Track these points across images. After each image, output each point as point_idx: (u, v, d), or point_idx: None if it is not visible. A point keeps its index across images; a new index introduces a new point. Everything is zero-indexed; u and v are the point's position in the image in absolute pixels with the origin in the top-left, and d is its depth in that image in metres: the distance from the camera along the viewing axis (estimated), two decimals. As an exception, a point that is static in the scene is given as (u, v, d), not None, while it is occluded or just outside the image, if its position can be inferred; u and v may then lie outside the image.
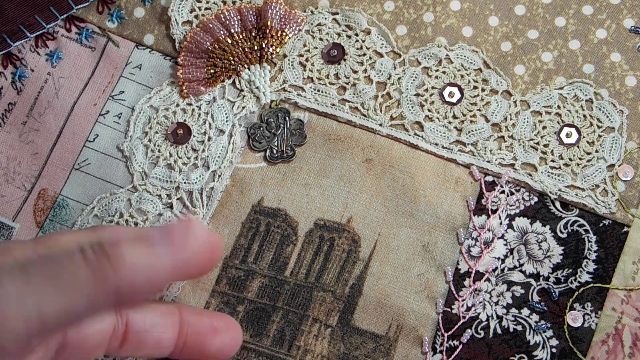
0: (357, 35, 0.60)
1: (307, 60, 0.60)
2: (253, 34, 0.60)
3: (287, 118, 0.58)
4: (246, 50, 0.60)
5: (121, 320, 0.45)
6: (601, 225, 0.56)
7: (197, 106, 0.59)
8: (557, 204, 0.56)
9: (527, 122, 0.58)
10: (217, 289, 0.56)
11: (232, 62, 0.60)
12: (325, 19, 0.61)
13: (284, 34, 0.60)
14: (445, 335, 0.55)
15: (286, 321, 0.55)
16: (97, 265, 0.38)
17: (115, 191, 0.58)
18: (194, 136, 0.59)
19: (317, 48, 0.60)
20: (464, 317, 0.55)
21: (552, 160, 0.57)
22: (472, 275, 0.55)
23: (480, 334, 0.54)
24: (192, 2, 0.61)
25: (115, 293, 0.38)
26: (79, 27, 0.62)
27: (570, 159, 0.57)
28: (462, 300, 0.55)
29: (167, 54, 0.61)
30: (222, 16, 0.60)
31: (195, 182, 0.57)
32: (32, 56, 0.61)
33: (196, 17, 0.61)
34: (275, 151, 0.58)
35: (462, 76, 0.59)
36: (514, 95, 0.59)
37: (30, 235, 0.58)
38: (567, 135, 0.57)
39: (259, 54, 0.60)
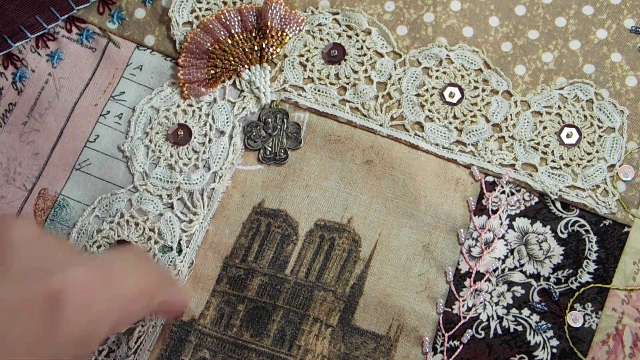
0: (357, 35, 0.60)
1: (307, 60, 0.60)
2: (253, 34, 0.60)
3: (285, 120, 0.58)
4: (246, 50, 0.60)
5: None
6: (602, 225, 0.56)
7: (197, 107, 0.59)
8: (558, 204, 0.56)
9: (528, 122, 0.58)
10: (217, 288, 0.56)
11: (233, 62, 0.60)
12: (326, 19, 0.61)
13: (285, 34, 0.60)
14: (446, 335, 0.55)
15: (287, 321, 0.55)
16: None
17: (116, 191, 0.58)
18: (195, 137, 0.59)
19: (317, 48, 0.60)
20: (464, 317, 0.55)
21: (553, 161, 0.57)
22: (473, 275, 0.55)
23: (480, 334, 0.54)
24: (193, 2, 0.61)
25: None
26: (80, 27, 0.61)
27: (570, 159, 0.57)
28: (463, 301, 0.55)
29: (167, 55, 0.61)
30: (222, 17, 0.60)
31: (196, 183, 0.57)
32: (33, 57, 0.61)
33: (197, 17, 0.61)
34: (268, 152, 0.58)
35: (462, 76, 0.59)
36: (514, 95, 0.58)
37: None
38: (568, 136, 0.57)
39: (259, 54, 0.60)
